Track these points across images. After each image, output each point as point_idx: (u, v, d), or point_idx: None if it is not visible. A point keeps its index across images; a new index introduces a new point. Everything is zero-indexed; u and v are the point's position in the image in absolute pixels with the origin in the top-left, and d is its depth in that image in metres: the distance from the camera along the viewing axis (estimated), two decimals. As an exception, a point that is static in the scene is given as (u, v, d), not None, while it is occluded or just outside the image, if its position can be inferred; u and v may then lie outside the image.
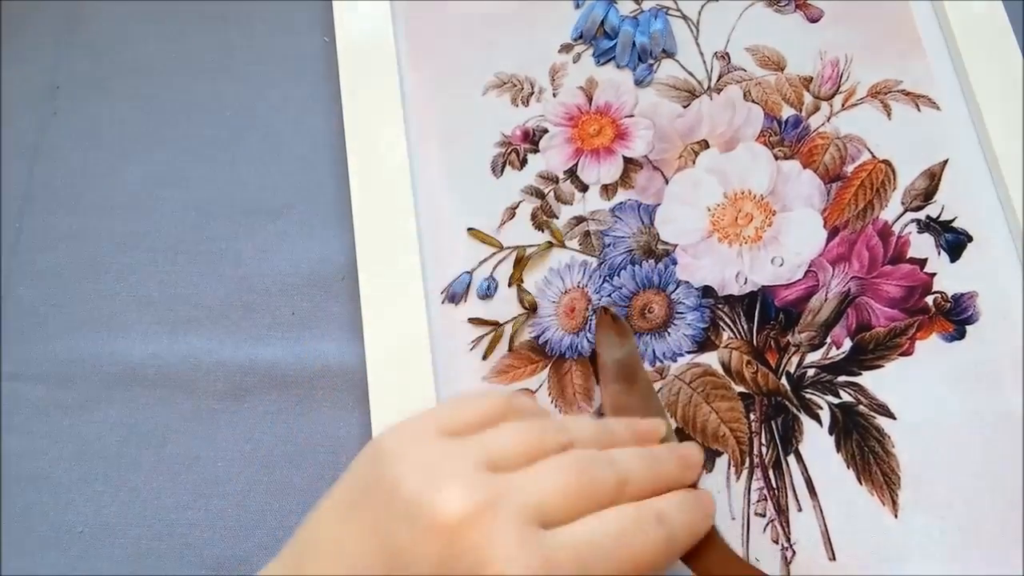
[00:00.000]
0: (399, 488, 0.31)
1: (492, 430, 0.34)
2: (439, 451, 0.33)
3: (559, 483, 0.32)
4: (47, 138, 0.51)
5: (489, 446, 0.33)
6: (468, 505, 0.30)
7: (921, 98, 0.48)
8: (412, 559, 0.30)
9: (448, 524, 0.30)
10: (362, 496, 0.33)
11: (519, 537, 0.30)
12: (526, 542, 0.30)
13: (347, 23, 0.51)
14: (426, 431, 0.34)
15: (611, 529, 0.32)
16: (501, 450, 0.33)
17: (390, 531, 0.31)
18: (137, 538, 0.44)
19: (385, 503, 0.31)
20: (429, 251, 0.47)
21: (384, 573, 0.31)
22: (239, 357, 0.46)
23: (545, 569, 0.30)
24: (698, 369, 0.44)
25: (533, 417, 0.36)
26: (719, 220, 0.47)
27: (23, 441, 0.46)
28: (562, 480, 0.32)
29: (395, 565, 0.30)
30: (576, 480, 0.33)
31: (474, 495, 0.30)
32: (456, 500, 0.30)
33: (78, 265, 0.49)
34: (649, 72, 0.50)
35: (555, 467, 0.33)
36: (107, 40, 0.53)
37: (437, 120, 0.50)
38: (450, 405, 0.37)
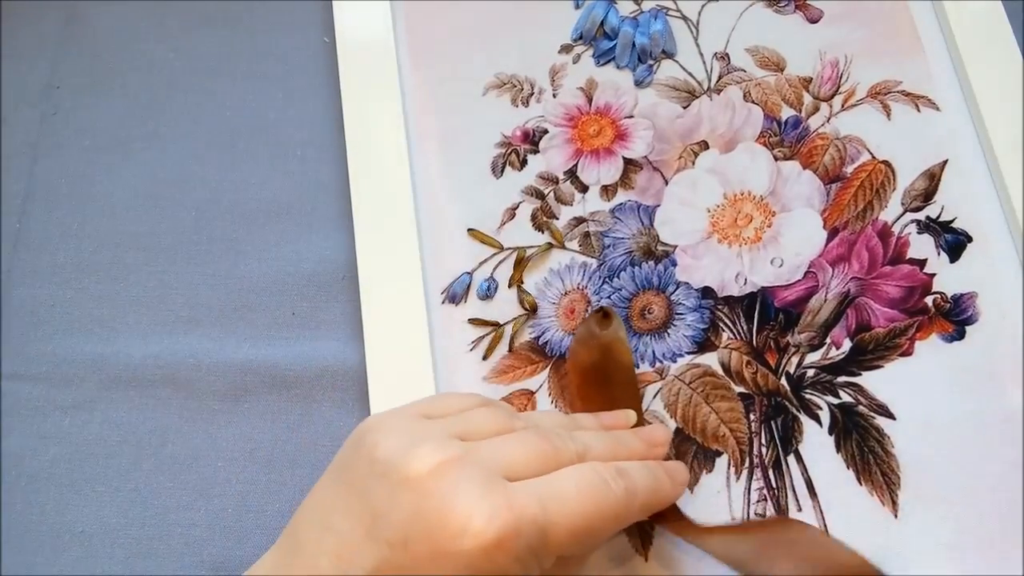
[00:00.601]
0: (376, 451, 0.33)
1: (466, 413, 0.36)
2: (416, 424, 0.35)
3: (523, 447, 0.34)
4: (47, 138, 0.51)
5: (462, 423, 0.35)
6: (436, 459, 0.32)
7: (921, 99, 0.49)
8: (387, 513, 0.32)
9: (418, 476, 0.32)
10: (345, 467, 0.35)
11: (484, 485, 0.32)
12: (490, 489, 0.32)
13: (347, 23, 0.51)
14: (405, 412, 0.36)
15: (572, 478, 0.34)
16: (472, 426, 0.35)
17: (368, 490, 0.33)
18: (137, 538, 0.44)
19: (365, 467, 0.33)
20: (429, 251, 0.47)
21: (365, 531, 0.32)
22: (239, 357, 0.46)
23: (508, 511, 0.31)
24: (698, 370, 0.44)
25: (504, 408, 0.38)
26: (719, 221, 0.47)
27: (23, 441, 0.46)
28: (526, 445, 0.34)
29: (374, 523, 0.32)
30: (539, 445, 0.34)
31: (443, 452, 0.32)
32: (426, 456, 0.32)
33: (78, 265, 0.49)
34: (649, 73, 0.50)
35: (520, 437, 0.35)
36: (107, 40, 0.53)
37: (437, 120, 0.50)
38: (430, 396, 0.40)
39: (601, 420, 0.41)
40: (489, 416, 0.36)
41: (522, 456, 0.34)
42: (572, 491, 0.33)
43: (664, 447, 0.40)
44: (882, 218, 0.46)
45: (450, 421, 0.35)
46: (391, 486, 0.32)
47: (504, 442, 0.34)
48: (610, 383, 0.42)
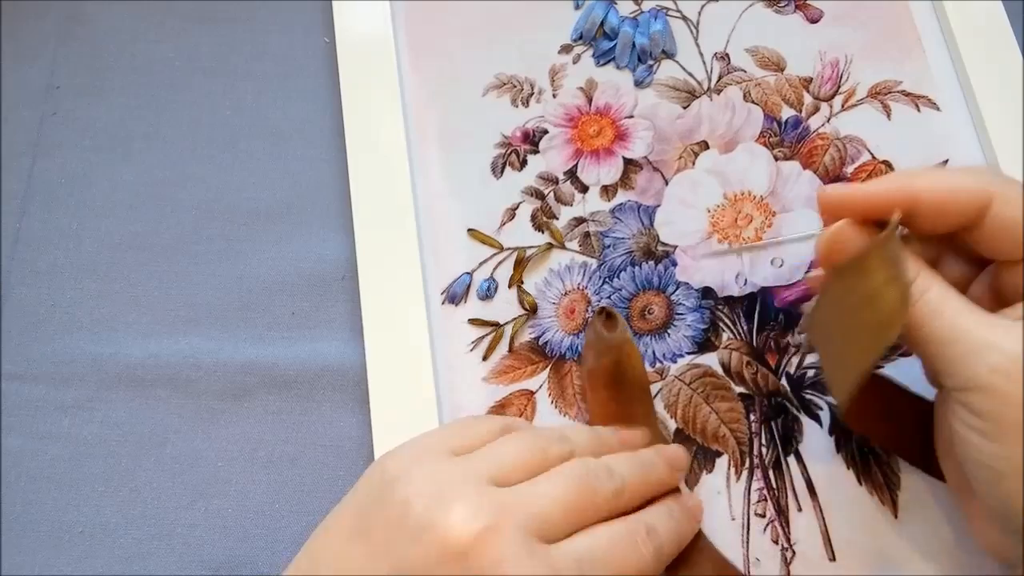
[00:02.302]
0: (408, 510, 0.32)
1: (494, 444, 0.36)
2: (445, 470, 0.34)
3: (560, 495, 0.34)
4: (47, 138, 0.51)
5: (492, 461, 0.35)
6: (477, 525, 0.31)
7: (921, 99, 0.49)
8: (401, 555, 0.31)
9: (460, 545, 0.31)
10: (370, 517, 0.33)
11: (528, 553, 0.31)
12: (534, 556, 0.31)
13: (347, 23, 0.51)
14: (429, 450, 0.35)
15: (605, 543, 0.34)
16: (504, 464, 0.35)
17: (401, 553, 0.32)
18: (137, 538, 0.44)
19: (395, 525, 0.32)
20: (429, 252, 0.47)
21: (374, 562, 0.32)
22: (239, 357, 0.46)
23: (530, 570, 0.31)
24: (698, 370, 0.44)
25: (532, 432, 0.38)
26: (719, 221, 0.47)
27: (23, 441, 0.46)
28: (563, 491, 0.34)
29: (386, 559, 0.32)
30: (576, 491, 0.34)
31: (482, 514, 0.32)
32: (466, 521, 0.31)
33: (78, 265, 0.49)
34: (649, 73, 0.50)
35: (557, 479, 0.34)
36: (107, 40, 0.53)
37: (437, 121, 0.50)
38: (452, 424, 0.39)
39: (621, 436, 0.40)
40: (521, 445, 0.36)
41: (561, 507, 0.34)
42: (606, 557, 0.33)
43: (683, 470, 0.41)
44: (882, 218, 0.46)
45: (480, 460, 0.35)
46: (430, 553, 0.31)
47: (541, 488, 0.34)
48: (624, 384, 0.42)
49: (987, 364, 0.31)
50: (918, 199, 0.34)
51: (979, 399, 0.31)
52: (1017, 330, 0.31)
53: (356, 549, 0.33)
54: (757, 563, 0.41)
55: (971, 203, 0.33)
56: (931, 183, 0.34)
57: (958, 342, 0.32)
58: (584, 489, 0.34)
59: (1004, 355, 0.31)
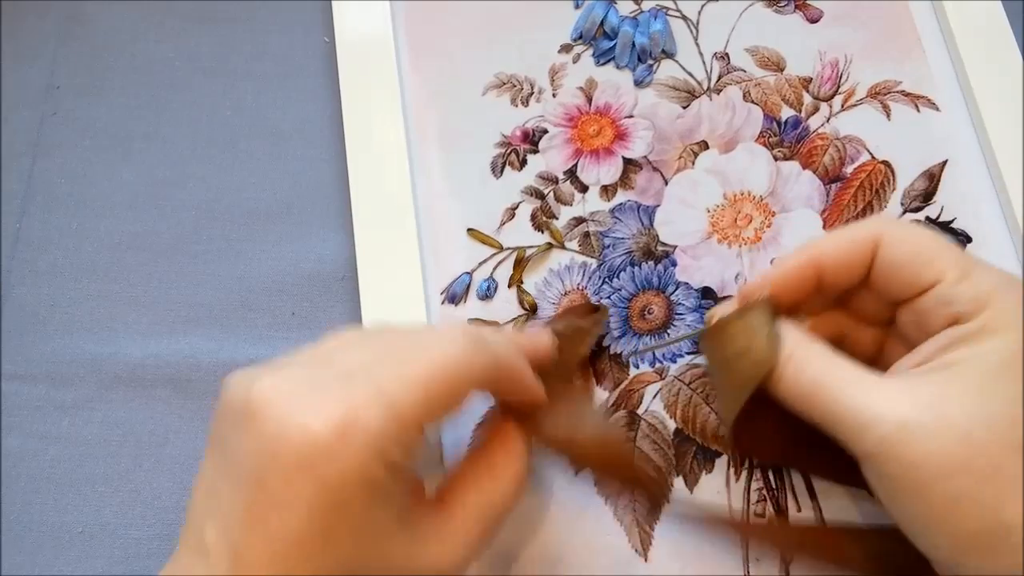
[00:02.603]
0: (227, 397, 0.32)
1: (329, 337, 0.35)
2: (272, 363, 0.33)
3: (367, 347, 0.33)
4: (47, 138, 0.51)
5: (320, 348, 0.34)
6: (271, 384, 0.31)
7: (921, 99, 0.49)
8: (241, 458, 0.30)
9: (256, 406, 0.30)
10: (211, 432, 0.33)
11: (315, 389, 0.30)
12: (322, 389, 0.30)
13: (347, 23, 0.51)
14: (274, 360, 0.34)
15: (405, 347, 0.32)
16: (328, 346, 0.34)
17: (224, 439, 0.31)
18: (137, 538, 0.44)
19: (220, 416, 0.32)
20: (429, 252, 0.47)
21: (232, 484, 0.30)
22: (239, 357, 0.46)
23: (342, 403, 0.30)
24: (698, 370, 0.44)
25: None
26: (719, 221, 0.47)
27: (23, 441, 0.46)
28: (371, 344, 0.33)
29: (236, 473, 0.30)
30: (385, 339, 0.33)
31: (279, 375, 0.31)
32: (262, 385, 0.31)
33: (78, 265, 0.49)
34: (649, 73, 0.50)
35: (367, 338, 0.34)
36: (107, 40, 0.53)
37: (437, 120, 0.50)
38: None
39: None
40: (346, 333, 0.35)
41: (364, 355, 0.32)
42: (404, 356, 0.32)
43: (548, 349, 0.40)
44: (882, 218, 0.46)
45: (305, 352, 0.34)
46: (239, 427, 0.31)
47: (346, 348, 0.33)
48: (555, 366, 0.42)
49: (875, 437, 0.32)
50: (821, 265, 0.36)
51: (877, 467, 0.32)
52: (901, 391, 0.32)
53: (205, 461, 0.33)
54: (757, 563, 0.41)
55: (863, 251, 0.35)
56: (825, 245, 0.36)
57: (843, 420, 0.33)
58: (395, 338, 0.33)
59: (890, 424, 0.31)
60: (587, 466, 0.39)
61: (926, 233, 0.35)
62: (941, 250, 0.34)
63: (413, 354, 0.32)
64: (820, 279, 0.36)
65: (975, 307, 0.33)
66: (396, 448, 0.30)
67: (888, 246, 0.35)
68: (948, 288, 0.34)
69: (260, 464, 0.30)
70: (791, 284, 0.36)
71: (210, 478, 0.32)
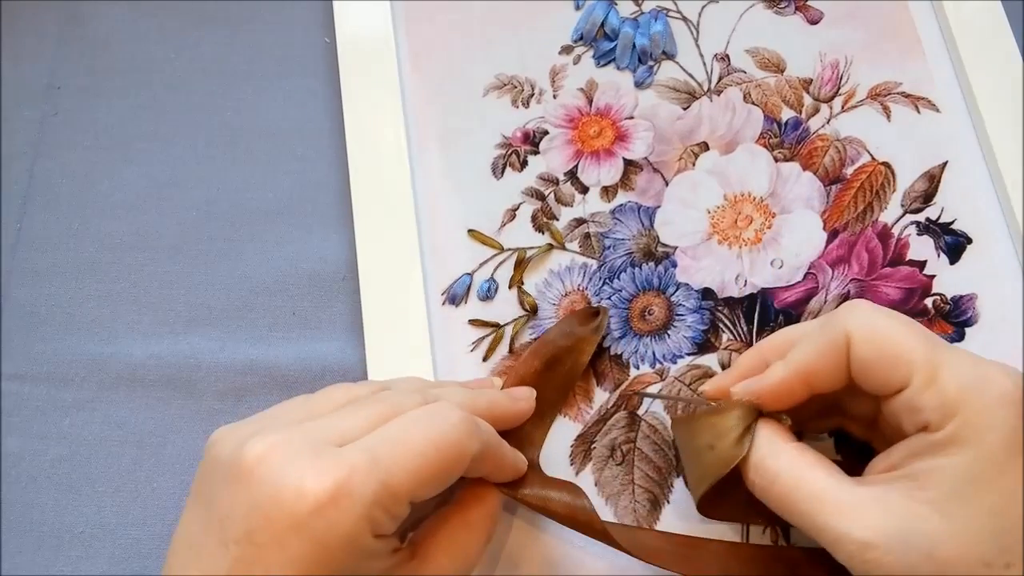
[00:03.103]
0: (216, 456, 0.32)
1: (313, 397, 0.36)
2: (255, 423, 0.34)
3: (360, 413, 0.33)
4: (47, 138, 0.51)
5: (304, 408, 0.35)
6: (264, 446, 0.31)
7: (921, 100, 0.49)
8: (230, 513, 0.31)
9: (249, 467, 0.31)
10: (196, 484, 0.34)
11: (312, 455, 0.31)
12: (318, 456, 0.31)
13: (347, 23, 0.51)
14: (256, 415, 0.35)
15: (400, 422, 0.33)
16: (314, 407, 0.34)
17: (213, 497, 0.32)
18: (137, 538, 0.44)
19: (208, 477, 0.33)
20: (429, 252, 0.47)
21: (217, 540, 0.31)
22: (239, 357, 0.46)
23: (336, 468, 0.30)
24: (698, 371, 0.44)
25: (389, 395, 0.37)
26: (719, 222, 0.47)
27: (23, 441, 0.46)
28: (364, 410, 0.33)
29: (221, 528, 0.31)
30: (377, 409, 0.34)
31: (273, 438, 0.31)
32: (255, 446, 0.31)
33: (78, 265, 0.49)
34: (649, 74, 0.50)
35: (359, 404, 0.34)
36: (107, 40, 0.53)
37: (437, 121, 0.50)
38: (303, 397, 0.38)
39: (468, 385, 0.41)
40: (329, 394, 0.35)
41: (358, 422, 0.33)
42: (401, 432, 0.32)
43: (528, 402, 0.41)
44: (882, 219, 0.46)
45: (292, 412, 0.35)
46: (229, 486, 0.31)
47: (340, 414, 0.34)
48: (555, 371, 0.43)
49: (844, 553, 0.32)
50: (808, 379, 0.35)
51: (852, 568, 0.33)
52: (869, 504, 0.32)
53: (188, 513, 0.33)
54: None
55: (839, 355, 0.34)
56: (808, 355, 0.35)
57: (814, 532, 0.33)
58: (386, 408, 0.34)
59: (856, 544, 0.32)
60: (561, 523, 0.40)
61: (893, 328, 0.34)
62: (908, 350, 0.33)
63: (410, 428, 0.33)
64: (810, 389, 0.36)
65: (942, 415, 0.32)
66: (385, 517, 0.31)
67: (855, 347, 0.34)
68: (915, 395, 0.33)
69: (251, 522, 0.30)
70: (782, 397, 0.36)
71: (193, 531, 0.32)
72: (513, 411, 0.41)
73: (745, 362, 0.39)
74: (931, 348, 0.33)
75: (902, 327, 0.34)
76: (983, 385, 0.32)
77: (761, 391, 0.36)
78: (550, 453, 0.43)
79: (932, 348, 0.33)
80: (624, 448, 0.43)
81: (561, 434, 0.44)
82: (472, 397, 0.38)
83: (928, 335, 0.34)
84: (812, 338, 0.36)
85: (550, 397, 0.43)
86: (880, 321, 0.34)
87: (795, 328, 0.39)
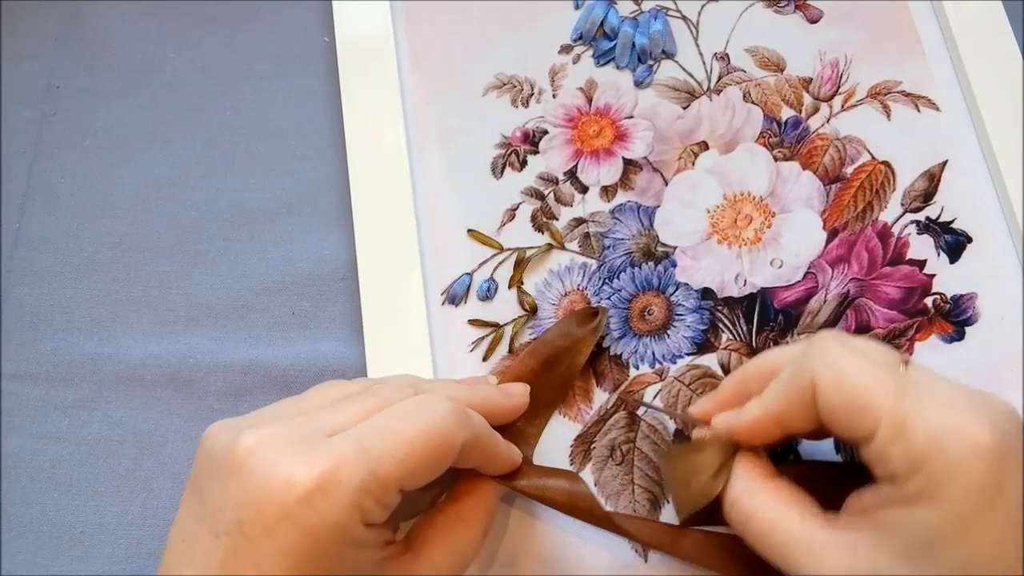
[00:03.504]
0: (209, 450, 0.33)
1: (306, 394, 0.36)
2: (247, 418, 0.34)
3: (351, 407, 0.34)
4: (47, 138, 0.51)
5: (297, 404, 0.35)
6: (255, 438, 0.31)
7: (921, 99, 0.49)
8: (221, 505, 0.31)
9: (241, 459, 0.31)
10: (192, 474, 0.34)
11: (301, 445, 0.31)
12: (308, 447, 0.31)
13: (347, 23, 0.51)
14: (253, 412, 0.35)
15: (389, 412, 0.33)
16: (309, 403, 0.35)
17: (204, 490, 0.32)
18: (137, 538, 0.44)
19: (202, 470, 0.33)
20: (429, 252, 0.47)
21: (209, 532, 0.31)
22: (239, 357, 0.46)
23: (324, 458, 0.30)
24: (697, 371, 0.44)
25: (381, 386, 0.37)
26: (718, 222, 0.47)
27: (23, 441, 0.46)
28: (355, 405, 0.34)
29: (213, 519, 0.31)
30: (367, 402, 0.34)
31: (264, 431, 0.32)
32: (247, 438, 0.31)
33: (78, 265, 0.49)
34: (649, 73, 0.50)
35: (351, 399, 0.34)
36: (107, 40, 0.53)
37: (437, 121, 0.50)
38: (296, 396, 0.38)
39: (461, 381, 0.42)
40: (323, 391, 0.36)
41: (350, 415, 0.33)
42: (390, 421, 0.33)
43: (521, 397, 0.41)
44: (882, 219, 0.46)
45: (286, 407, 0.35)
46: (220, 479, 0.31)
47: (332, 408, 0.34)
48: (553, 372, 0.43)
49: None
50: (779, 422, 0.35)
51: None
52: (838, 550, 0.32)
53: (183, 508, 0.33)
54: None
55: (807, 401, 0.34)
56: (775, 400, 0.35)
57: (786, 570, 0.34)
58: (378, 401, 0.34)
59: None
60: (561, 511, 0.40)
61: (859, 374, 0.32)
62: (873, 398, 0.32)
63: (399, 418, 0.33)
64: (784, 430, 0.35)
65: (908, 468, 0.31)
66: (374, 506, 0.31)
67: (820, 395, 0.33)
68: (881, 446, 0.31)
69: (241, 513, 0.30)
70: (756, 437, 0.36)
71: (187, 526, 0.33)
72: (507, 406, 0.41)
73: (728, 388, 0.38)
74: (899, 396, 0.31)
75: (870, 372, 0.32)
76: (953, 437, 0.30)
77: (735, 430, 0.36)
78: (551, 454, 0.43)
79: (900, 396, 0.31)
80: (624, 448, 0.43)
81: (561, 434, 0.44)
82: (465, 392, 0.38)
83: (899, 379, 0.32)
84: (783, 380, 0.35)
85: (546, 397, 0.43)
86: (846, 367, 0.33)
87: (777, 355, 0.38)
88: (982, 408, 0.31)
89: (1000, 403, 0.32)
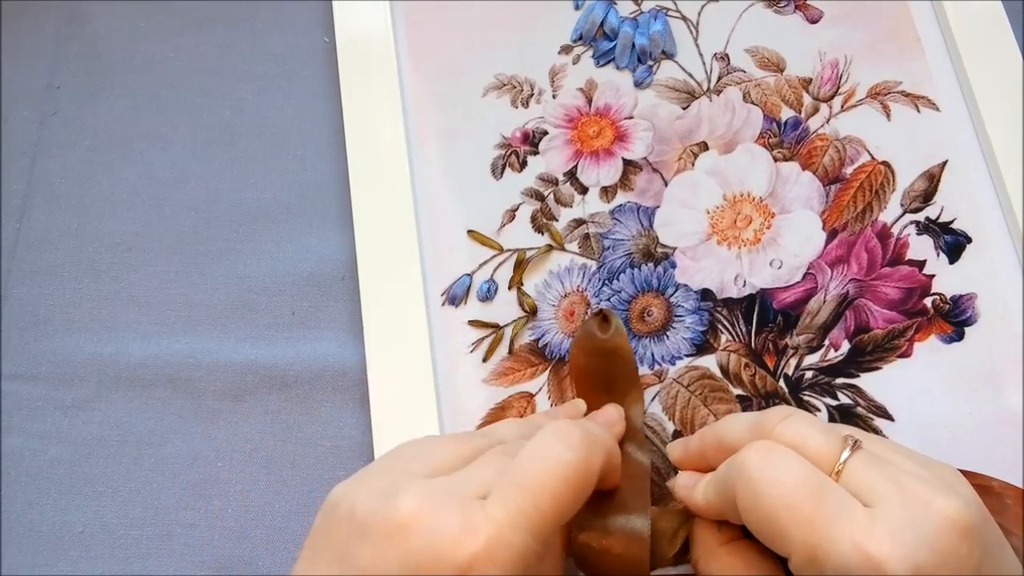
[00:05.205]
0: (354, 514, 0.32)
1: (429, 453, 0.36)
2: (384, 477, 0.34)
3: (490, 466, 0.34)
4: (47, 138, 0.51)
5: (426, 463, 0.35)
6: (416, 502, 0.31)
7: (920, 99, 0.48)
8: (372, 566, 0.31)
9: (402, 522, 0.31)
10: (323, 542, 0.33)
11: (464, 507, 0.31)
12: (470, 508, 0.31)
13: (347, 23, 0.51)
14: (369, 470, 0.35)
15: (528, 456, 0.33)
16: (437, 462, 0.34)
17: (351, 556, 0.32)
18: (137, 538, 0.44)
19: (344, 534, 0.32)
20: (429, 253, 0.47)
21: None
22: (239, 357, 0.47)
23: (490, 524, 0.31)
24: (696, 372, 0.44)
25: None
26: (718, 223, 0.47)
27: (23, 441, 0.46)
28: (492, 463, 0.34)
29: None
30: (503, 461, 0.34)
31: (420, 493, 0.32)
32: (406, 501, 0.31)
33: (78, 265, 0.49)
34: (648, 73, 0.50)
35: (485, 458, 0.34)
36: (107, 40, 0.53)
37: (437, 121, 0.50)
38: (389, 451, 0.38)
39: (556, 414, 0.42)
40: (450, 448, 0.36)
41: (491, 470, 0.33)
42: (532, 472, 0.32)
43: (620, 424, 0.41)
44: (881, 219, 0.46)
45: (416, 464, 0.35)
46: (376, 542, 0.31)
47: (472, 468, 0.34)
48: (615, 388, 0.42)
49: None
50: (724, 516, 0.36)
51: None
52: None
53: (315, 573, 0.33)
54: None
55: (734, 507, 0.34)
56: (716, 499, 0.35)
57: None
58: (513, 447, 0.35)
59: None
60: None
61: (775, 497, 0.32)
62: (785, 528, 0.31)
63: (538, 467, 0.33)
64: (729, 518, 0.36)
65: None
66: (536, 561, 0.32)
67: (742, 512, 0.33)
68: (797, 570, 0.32)
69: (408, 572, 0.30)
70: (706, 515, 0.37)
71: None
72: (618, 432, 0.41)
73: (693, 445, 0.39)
74: (811, 526, 0.31)
75: (786, 497, 0.32)
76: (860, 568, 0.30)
77: (688, 503, 0.37)
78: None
79: (812, 527, 0.31)
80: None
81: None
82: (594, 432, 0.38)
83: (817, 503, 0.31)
84: (719, 480, 0.35)
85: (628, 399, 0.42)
86: (764, 489, 0.32)
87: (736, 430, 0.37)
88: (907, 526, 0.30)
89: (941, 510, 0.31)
